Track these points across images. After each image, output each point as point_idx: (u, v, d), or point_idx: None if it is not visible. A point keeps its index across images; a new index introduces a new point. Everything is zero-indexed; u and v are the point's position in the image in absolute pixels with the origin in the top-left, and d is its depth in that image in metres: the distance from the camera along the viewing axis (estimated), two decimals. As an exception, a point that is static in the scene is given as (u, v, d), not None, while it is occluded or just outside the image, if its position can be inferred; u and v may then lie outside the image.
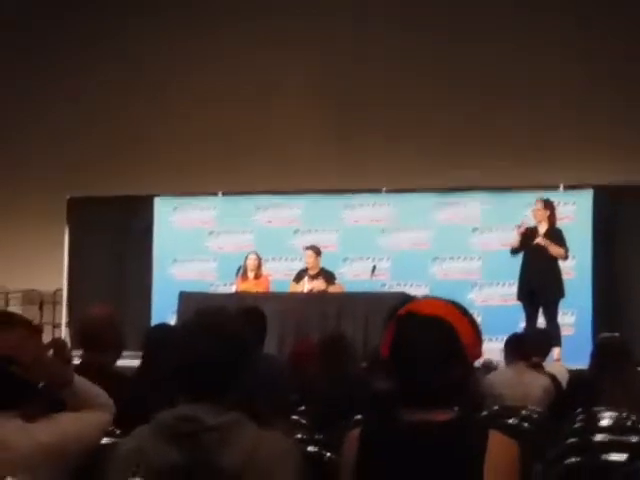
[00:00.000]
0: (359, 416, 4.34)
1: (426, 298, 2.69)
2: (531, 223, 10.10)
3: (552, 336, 8.66)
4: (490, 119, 12.03)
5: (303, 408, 4.87)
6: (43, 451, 2.58)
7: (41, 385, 2.69)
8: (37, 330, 2.87)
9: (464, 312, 2.58)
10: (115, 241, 13.31)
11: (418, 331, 2.50)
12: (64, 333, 12.88)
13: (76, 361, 5.45)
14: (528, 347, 6.50)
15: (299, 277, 10.49)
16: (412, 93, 12.32)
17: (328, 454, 3.33)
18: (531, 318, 9.91)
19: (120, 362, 4.62)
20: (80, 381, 2.83)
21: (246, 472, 2.46)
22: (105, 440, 3.36)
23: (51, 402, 2.78)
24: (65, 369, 2.79)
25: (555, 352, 9.55)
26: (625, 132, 11.69)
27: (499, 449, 2.44)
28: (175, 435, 2.51)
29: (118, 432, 3.46)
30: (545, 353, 7.41)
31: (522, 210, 10.77)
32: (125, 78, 13.25)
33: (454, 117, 12.14)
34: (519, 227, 9.98)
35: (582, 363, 6.60)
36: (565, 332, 10.18)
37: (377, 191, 12.27)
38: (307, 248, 10.70)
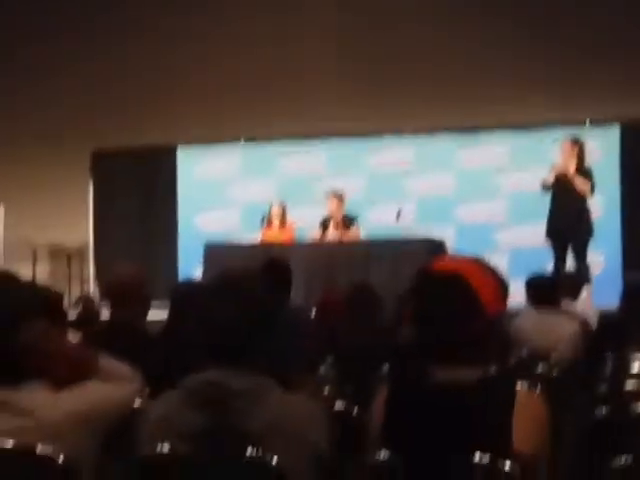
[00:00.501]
0: (386, 367, 4.34)
1: (452, 256, 2.69)
2: (559, 161, 9.98)
3: (582, 277, 8.59)
4: (515, 57, 11.80)
5: (331, 361, 4.87)
6: (70, 419, 2.59)
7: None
8: (60, 315, 2.87)
9: (487, 269, 2.58)
10: (139, 192, 13.31)
11: (434, 289, 2.54)
12: (92, 287, 12.99)
13: (104, 317, 5.52)
14: (557, 289, 6.40)
15: (324, 226, 10.44)
16: (434, 30, 12.11)
17: (356, 411, 3.32)
18: (559, 258, 9.85)
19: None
20: (105, 364, 2.81)
21: (272, 436, 2.48)
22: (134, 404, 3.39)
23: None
24: (89, 357, 2.78)
25: (584, 292, 9.51)
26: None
27: (528, 407, 2.43)
28: (202, 401, 2.54)
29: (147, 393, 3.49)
30: (575, 295, 7.35)
31: (548, 148, 10.64)
32: (144, 30, 13.14)
33: (477, 56, 11.93)
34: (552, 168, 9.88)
35: (612, 303, 6.55)
36: (594, 271, 10.09)
37: (401, 132, 12.16)
38: (330, 195, 10.62)
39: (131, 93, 13.19)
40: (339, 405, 3.37)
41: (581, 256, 9.84)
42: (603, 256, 11.01)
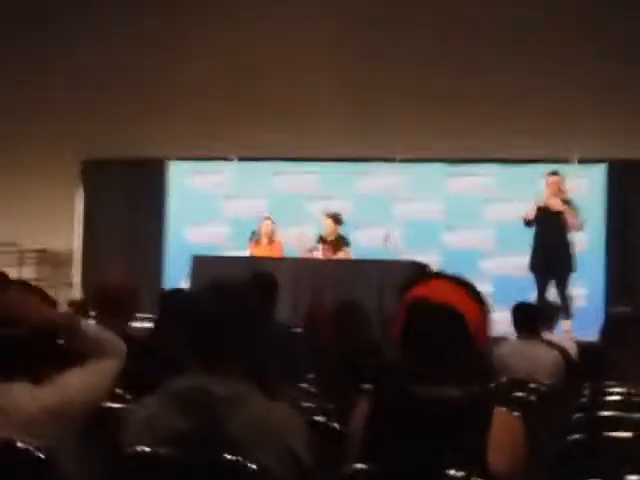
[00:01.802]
0: (369, 385, 4.37)
1: (436, 277, 2.71)
2: (544, 195, 10.08)
3: (559, 309, 8.66)
4: (505, 90, 11.94)
5: (313, 375, 4.90)
6: (50, 412, 2.63)
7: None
8: (34, 289, 2.90)
9: (473, 294, 2.62)
10: (129, 203, 13.33)
11: (428, 321, 2.57)
12: (78, 293, 12.98)
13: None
14: (539, 319, 6.47)
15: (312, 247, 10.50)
16: (426, 62, 12.24)
17: (335, 423, 3.36)
18: (542, 290, 9.91)
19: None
20: (88, 326, 2.84)
21: (255, 441, 2.50)
22: (115, 405, 3.42)
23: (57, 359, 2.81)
24: (71, 315, 2.82)
25: (566, 324, 9.58)
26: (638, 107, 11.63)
27: (503, 426, 2.48)
28: (185, 405, 2.56)
29: (128, 397, 3.52)
30: (551, 326, 7.41)
31: (534, 182, 10.75)
32: (139, 40, 13.19)
33: (469, 88, 12.06)
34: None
35: (593, 336, 6.60)
36: (577, 303, 10.20)
37: (391, 160, 12.27)
38: (328, 216, 10.69)
39: (125, 105, 13.21)
40: (319, 417, 3.41)
41: (563, 289, 9.91)
42: (586, 289, 11.13)
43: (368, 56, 12.43)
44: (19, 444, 2.53)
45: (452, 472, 2.35)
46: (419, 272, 2.56)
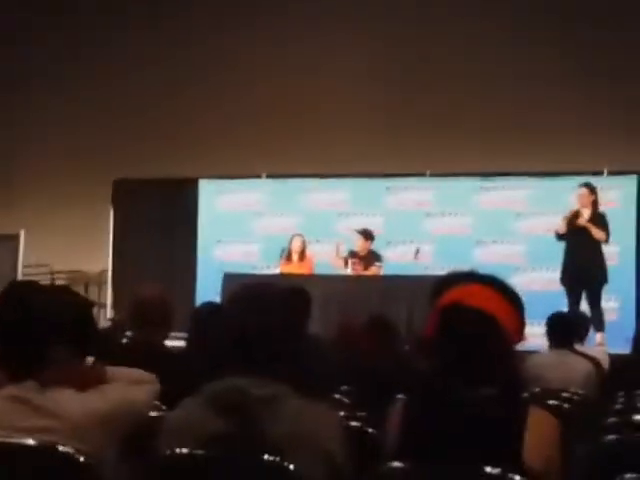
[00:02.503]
0: (401, 396, 4.38)
1: (470, 279, 2.72)
2: (575, 208, 10.07)
3: (589, 321, 8.62)
4: (535, 104, 11.96)
5: (346, 387, 4.92)
6: (94, 418, 2.64)
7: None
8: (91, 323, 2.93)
9: (508, 296, 2.64)
10: (160, 223, 13.40)
11: (464, 328, 2.59)
12: (109, 313, 13.06)
13: (125, 339, 5.57)
14: (573, 330, 6.48)
15: (345, 258, 10.54)
16: (459, 78, 12.28)
17: (370, 430, 3.37)
18: (574, 303, 9.89)
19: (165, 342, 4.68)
20: (116, 372, 2.88)
21: (292, 442, 2.51)
22: (153, 413, 3.45)
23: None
24: (95, 370, 2.85)
25: (598, 337, 9.55)
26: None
27: (540, 423, 2.49)
28: (224, 406, 2.57)
29: (164, 408, 3.54)
30: (583, 338, 7.38)
31: (566, 195, 10.74)
32: (172, 61, 13.32)
33: (499, 103, 12.09)
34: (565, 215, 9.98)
35: (625, 349, 6.59)
36: (608, 317, 10.15)
37: (421, 175, 12.27)
38: (358, 232, 10.74)
39: (156, 125, 13.34)
40: (354, 423, 3.43)
41: (595, 302, 9.88)
42: (617, 303, 11.06)
43: (399, 73, 12.49)
44: (60, 448, 2.55)
45: (488, 469, 2.37)
46: (452, 275, 2.57)
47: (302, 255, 10.80)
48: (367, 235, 10.65)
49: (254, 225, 12.86)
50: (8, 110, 13.97)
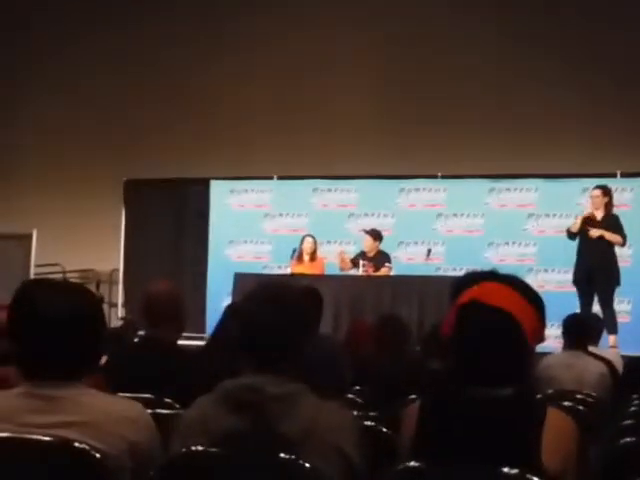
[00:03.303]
0: (414, 396, 4.37)
1: (488, 278, 2.69)
2: (588, 210, 10.04)
3: (603, 323, 8.57)
4: (546, 105, 11.94)
5: (358, 387, 4.91)
6: (111, 417, 2.64)
7: None
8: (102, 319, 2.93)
9: (528, 296, 2.61)
10: (171, 222, 13.45)
11: (482, 326, 2.56)
12: (120, 312, 13.09)
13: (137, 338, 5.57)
14: (587, 331, 6.45)
15: (355, 260, 10.54)
16: (469, 79, 12.27)
17: (384, 429, 3.36)
18: (586, 305, 9.84)
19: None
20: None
21: (307, 441, 2.51)
22: (167, 411, 3.45)
23: None
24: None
25: (610, 339, 9.50)
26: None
27: (557, 424, 2.48)
28: (238, 404, 2.57)
29: (178, 406, 3.54)
30: (596, 340, 7.36)
31: (579, 197, 10.71)
32: (185, 62, 13.34)
33: (510, 104, 12.07)
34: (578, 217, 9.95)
35: (638, 351, 6.58)
36: (621, 320, 10.10)
37: (433, 177, 12.26)
38: (366, 232, 10.73)
39: (167, 125, 13.36)
40: (368, 423, 3.42)
41: (607, 304, 9.83)
42: (630, 305, 11.01)
43: (413, 74, 12.47)
44: (76, 444, 2.55)
45: (506, 470, 2.35)
46: (472, 274, 2.55)
47: (313, 256, 10.80)
48: (375, 235, 10.63)
49: (265, 226, 12.86)
50: (20, 110, 14.01)
